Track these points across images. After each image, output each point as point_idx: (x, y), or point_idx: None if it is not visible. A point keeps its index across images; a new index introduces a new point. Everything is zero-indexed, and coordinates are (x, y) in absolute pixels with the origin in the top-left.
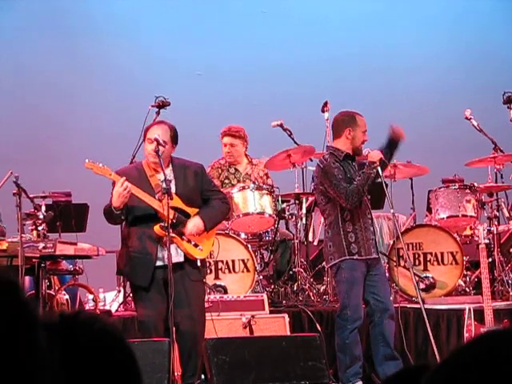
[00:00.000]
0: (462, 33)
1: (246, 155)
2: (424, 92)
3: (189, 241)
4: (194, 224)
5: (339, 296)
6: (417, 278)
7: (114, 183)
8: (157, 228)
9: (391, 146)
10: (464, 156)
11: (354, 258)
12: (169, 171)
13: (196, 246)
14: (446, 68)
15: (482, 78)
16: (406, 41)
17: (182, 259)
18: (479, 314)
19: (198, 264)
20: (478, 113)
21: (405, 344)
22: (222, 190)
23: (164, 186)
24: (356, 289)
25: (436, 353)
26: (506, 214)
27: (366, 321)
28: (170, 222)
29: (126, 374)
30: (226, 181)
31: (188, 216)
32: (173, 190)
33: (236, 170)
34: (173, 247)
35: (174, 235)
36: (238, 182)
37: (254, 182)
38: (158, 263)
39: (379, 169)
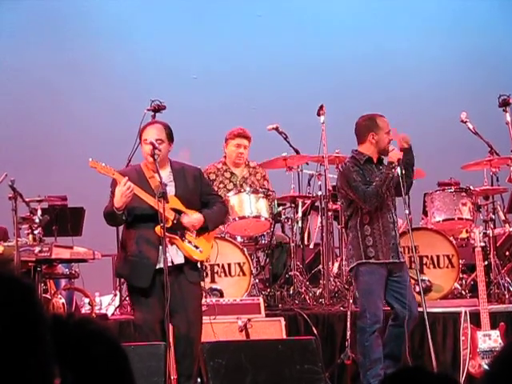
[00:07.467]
0: (457, 36)
1: None
2: (420, 95)
3: (189, 242)
4: (196, 217)
5: (358, 300)
6: (413, 281)
7: (112, 185)
8: (158, 229)
9: (404, 152)
10: (460, 159)
11: (371, 261)
12: (168, 173)
13: (196, 247)
14: (442, 71)
15: (477, 81)
16: (401, 44)
17: (182, 260)
18: (475, 317)
19: (198, 266)
20: (473, 116)
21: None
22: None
23: (160, 189)
24: (374, 292)
25: (433, 355)
26: (502, 217)
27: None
28: (170, 223)
29: (119, 375)
30: (221, 185)
31: None
32: (172, 191)
33: (232, 173)
34: (173, 248)
35: (175, 236)
36: (234, 186)
37: (250, 186)
38: (159, 266)
39: (398, 169)
